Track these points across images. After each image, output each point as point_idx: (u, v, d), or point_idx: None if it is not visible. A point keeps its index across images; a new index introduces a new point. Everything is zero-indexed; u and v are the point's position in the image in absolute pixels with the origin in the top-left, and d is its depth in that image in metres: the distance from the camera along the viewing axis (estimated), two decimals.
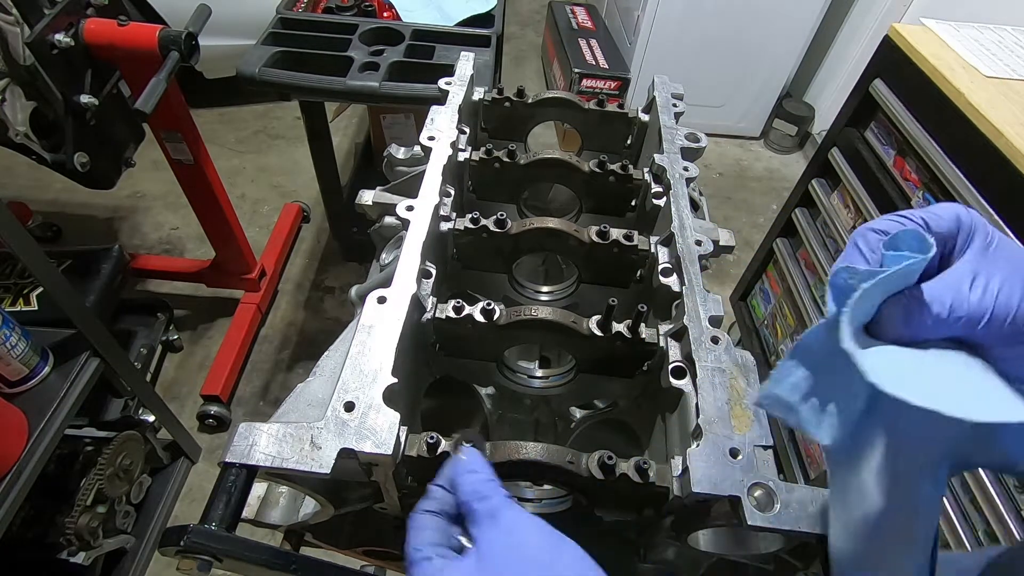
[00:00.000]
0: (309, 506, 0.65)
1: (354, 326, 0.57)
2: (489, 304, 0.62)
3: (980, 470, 1.01)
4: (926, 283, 0.35)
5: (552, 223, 0.70)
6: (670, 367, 0.59)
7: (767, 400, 0.39)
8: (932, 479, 0.37)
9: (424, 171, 0.73)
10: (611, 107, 0.90)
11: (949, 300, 0.34)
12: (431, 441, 0.50)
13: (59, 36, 1.24)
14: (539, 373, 0.73)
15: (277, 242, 2.26)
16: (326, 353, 0.58)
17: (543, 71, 3.56)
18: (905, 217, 0.37)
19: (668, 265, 0.68)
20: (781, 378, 0.38)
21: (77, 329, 1.19)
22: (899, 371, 0.33)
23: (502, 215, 0.71)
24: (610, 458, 0.50)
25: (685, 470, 0.49)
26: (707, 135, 0.85)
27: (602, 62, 2.85)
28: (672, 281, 0.66)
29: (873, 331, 0.37)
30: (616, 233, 0.70)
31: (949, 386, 0.33)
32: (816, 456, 1.53)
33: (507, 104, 0.89)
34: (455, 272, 0.78)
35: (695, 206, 0.76)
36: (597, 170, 0.79)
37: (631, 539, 0.65)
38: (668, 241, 0.69)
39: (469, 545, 0.41)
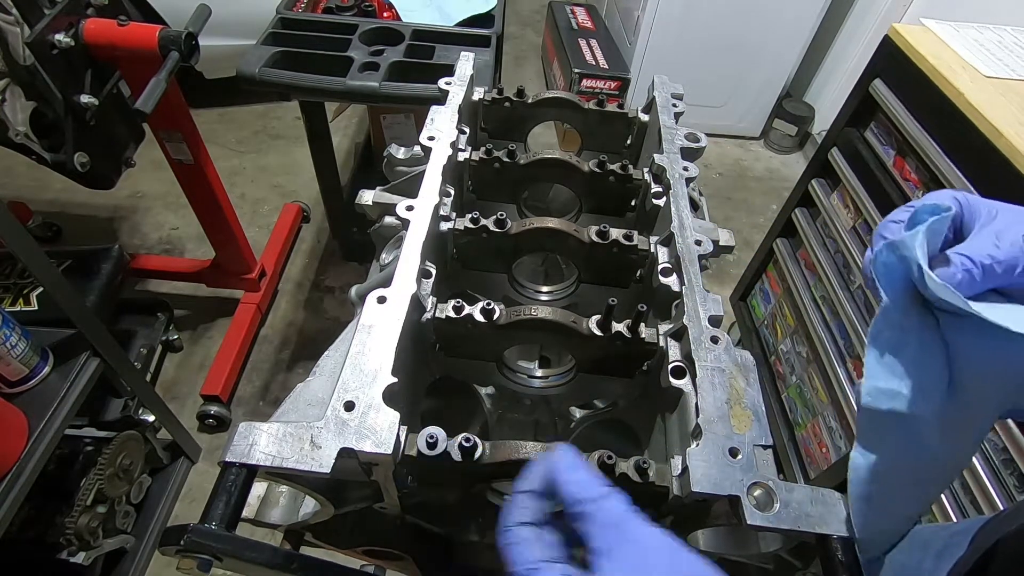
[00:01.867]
0: (309, 506, 0.65)
1: (354, 326, 0.57)
2: (489, 304, 0.62)
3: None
4: (963, 244, 0.40)
5: (552, 223, 0.70)
6: (670, 367, 0.59)
7: (872, 395, 0.39)
8: (989, 422, 0.41)
9: (424, 171, 0.73)
10: (611, 107, 0.90)
11: (989, 251, 0.39)
12: (431, 440, 0.50)
13: (59, 36, 1.24)
14: (539, 373, 0.73)
15: (277, 242, 2.26)
16: (326, 353, 0.58)
17: (543, 71, 3.56)
18: (911, 207, 0.42)
19: (668, 265, 0.68)
20: (875, 371, 0.39)
21: (77, 329, 1.19)
22: (1000, 313, 0.35)
23: (502, 215, 0.71)
24: (610, 458, 0.50)
25: (685, 470, 0.49)
26: (707, 135, 0.85)
27: (602, 62, 2.85)
28: (672, 281, 0.66)
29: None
30: (616, 233, 0.70)
31: None
32: (816, 456, 1.53)
33: (507, 104, 0.89)
34: (455, 272, 0.78)
35: (695, 206, 0.76)
36: (597, 170, 0.79)
37: None
38: (668, 241, 0.69)
39: (586, 556, 0.37)
